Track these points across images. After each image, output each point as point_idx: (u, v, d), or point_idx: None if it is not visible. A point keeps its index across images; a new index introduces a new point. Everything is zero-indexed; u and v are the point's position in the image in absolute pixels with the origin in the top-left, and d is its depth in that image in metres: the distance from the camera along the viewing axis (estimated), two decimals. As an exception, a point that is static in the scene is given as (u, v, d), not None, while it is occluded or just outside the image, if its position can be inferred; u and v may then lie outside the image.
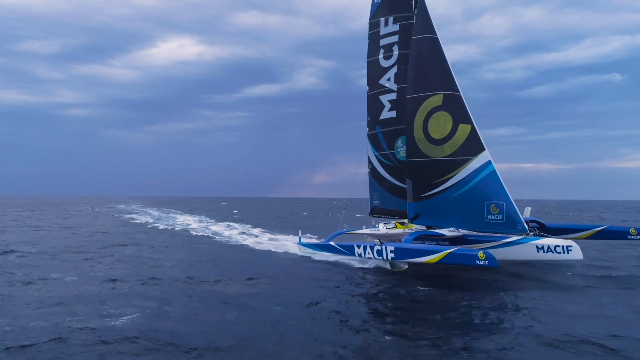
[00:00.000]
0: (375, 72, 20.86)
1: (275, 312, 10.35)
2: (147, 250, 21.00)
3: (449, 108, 17.12)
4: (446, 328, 9.18)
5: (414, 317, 10.00)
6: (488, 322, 9.57)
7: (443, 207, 17.17)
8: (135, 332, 8.56)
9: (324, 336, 8.61)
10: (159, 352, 7.69)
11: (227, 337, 8.42)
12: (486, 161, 16.27)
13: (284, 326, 9.18)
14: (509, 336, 8.59)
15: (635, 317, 9.84)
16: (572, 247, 14.24)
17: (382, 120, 20.63)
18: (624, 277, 14.70)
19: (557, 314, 10.17)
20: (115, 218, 48.03)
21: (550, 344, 8.08)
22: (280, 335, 8.60)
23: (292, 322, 9.44)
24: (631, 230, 16.43)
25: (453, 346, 8.05)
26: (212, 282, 13.67)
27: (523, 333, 8.73)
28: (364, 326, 9.30)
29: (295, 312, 10.30)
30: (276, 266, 17.05)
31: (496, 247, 15.87)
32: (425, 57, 17.92)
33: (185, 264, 17.13)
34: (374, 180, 21.40)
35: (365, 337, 8.63)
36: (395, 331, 9.00)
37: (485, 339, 8.44)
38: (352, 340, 8.33)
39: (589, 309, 10.57)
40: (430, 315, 10.13)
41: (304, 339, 8.42)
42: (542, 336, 8.41)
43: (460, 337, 8.56)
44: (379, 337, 8.66)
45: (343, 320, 9.79)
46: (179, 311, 10.34)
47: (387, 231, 18.74)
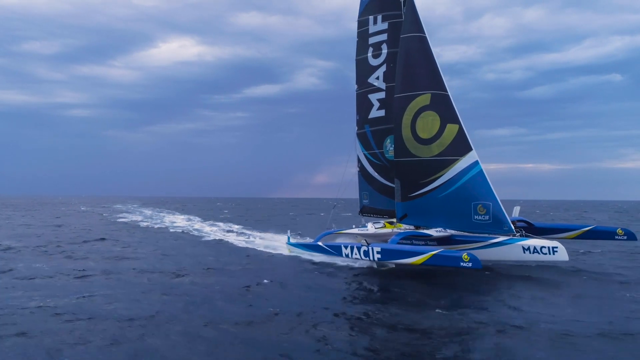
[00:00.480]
0: (364, 70, 20.72)
1: (210, 297, 11.83)
2: (118, 245, 22.84)
3: (436, 108, 17.03)
4: (434, 325, 9.23)
5: (391, 310, 9.98)
6: (475, 318, 9.55)
7: (431, 207, 17.11)
8: (71, 309, 10.29)
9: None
10: (80, 322, 9.40)
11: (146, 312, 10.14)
12: (473, 161, 16.20)
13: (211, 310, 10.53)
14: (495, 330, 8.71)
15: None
16: (558, 248, 14.23)
17: (371, 119, 20.51)
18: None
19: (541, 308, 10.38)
20: (103, 217, 49.01)
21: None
22: (209, 319, 9.67)
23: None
24: (618, 231, 16.42)
25: (444, 344, 8.06)
26: (161, 273, 15.17)
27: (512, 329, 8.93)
28: (342, 326, 9.24)
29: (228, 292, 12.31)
30: (236, 259, 18.57)
31: (483, 248, 15.85)
32: (413, 56, 17.80)
33: (148, 257, 18.92)
34: (363, 180, 21.31)
35: (348, 335, 8.58)
36: (377, 329, 9.05)
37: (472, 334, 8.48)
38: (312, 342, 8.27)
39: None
40: (414, 311, 10.10)
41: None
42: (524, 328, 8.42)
43: (449, 333, 8.59)
44: (363, 336, 8.64)
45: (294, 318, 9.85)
46: (116, 296, 11.78)
47: (375, 231, 18.66)
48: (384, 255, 14.96)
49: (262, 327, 9.14)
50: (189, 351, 7.83)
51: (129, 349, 7.90)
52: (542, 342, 8.15)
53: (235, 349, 7.95)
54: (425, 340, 8.34)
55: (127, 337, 8.52)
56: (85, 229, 32.53)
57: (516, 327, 9.09)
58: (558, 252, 14.23)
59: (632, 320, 9.48)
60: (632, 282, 13.50)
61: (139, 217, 47.37)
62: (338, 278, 14.76)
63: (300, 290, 12.75)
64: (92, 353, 7.71)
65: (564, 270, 15.40)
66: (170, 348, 7.97)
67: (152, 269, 16.02)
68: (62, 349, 7.85)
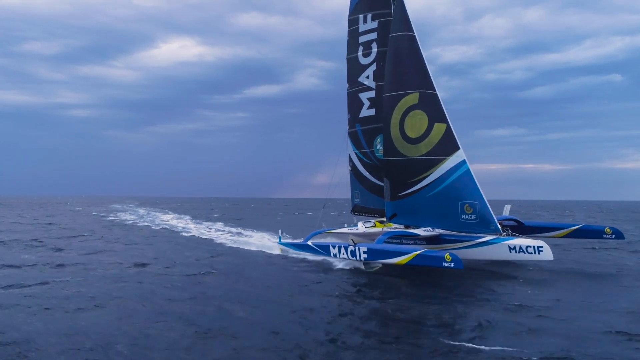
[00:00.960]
0: (354, 69, 20.70)
1: (155, 283, 13.35)
2: (95, 240, 24.74)
3: (424, 107, 17.01)
4: (422, 323, 9.45)
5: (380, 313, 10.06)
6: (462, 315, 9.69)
7: (419, 207, 17.11)
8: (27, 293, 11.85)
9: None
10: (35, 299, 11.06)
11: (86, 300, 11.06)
12: (460, 160, 16.18)
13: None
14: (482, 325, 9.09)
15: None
16: (543, 248, 14.20)
17: (361, 118, 20.50)
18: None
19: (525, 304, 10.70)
20: (93, 216, 50.73)
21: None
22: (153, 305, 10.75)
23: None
24: (606, 230, 16.35)
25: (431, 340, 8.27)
26: (121, 264, 16.54)
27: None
28: (333, 327, 9.29)
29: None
30: (202, 253, 20.09)
31: (470, 247, 15.84)
32: (402, 55, 17.76)
33: (118, 251, 20.46)
34: (354, 179, 21.32)
35: (336, 333, 8.65)
36: (366, 328, 9.22)
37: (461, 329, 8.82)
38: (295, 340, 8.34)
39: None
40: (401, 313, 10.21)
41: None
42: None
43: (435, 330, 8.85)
44: (351, 333, 8.78)
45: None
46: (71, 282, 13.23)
47: (365, 230, 18.67)
48: (370, 255, 14.99)
49: (188, 306, 10.74)
50: (120, 322, 9.40)
51: (65, 318, 9.72)
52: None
53: (156, 318, 9.69)
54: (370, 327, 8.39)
55: (65, 308, 10.40)
56: (67, 227, 33.80)
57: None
58: (543, 252, 14.20)
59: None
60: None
61: (129, 216, 48.76)
62: (299, 272, 15.62)
63: (246, 283, 13.77)
64: (32, 317, 9.68)
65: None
66: (101, 320, 9.53)
67: (115, 260, 17.46)
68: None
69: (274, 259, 18.51)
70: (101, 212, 59.71)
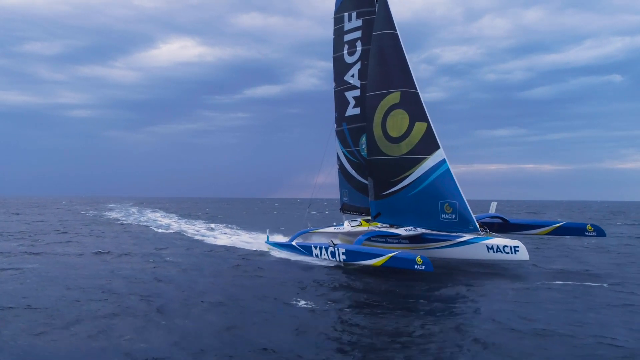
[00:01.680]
0: (340, 68, 20.68)
1: (105, 270, 15.18)
2: (69, 234, 27.40)
3: (406, 106, 16.98)
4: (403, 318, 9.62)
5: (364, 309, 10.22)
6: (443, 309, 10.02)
7: (401, 206, 17.14)
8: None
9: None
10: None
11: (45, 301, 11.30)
12: (440, 159, 16.15)
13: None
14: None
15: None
16: (519, 248, 14.18)
17: (347, 117, 20.51)
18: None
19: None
20: (81, 214, 53.51)
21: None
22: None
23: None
24: (587, 227, 16.24)
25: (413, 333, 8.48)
26: (81, 255, 18.48)
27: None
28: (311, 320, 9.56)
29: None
30: (169, 246, 22.11)
31: (450, 247, 15.86)
32: (384, 53, 17.71)
33: (87, 243, 22.74)
34: (342, 177, 21.37)
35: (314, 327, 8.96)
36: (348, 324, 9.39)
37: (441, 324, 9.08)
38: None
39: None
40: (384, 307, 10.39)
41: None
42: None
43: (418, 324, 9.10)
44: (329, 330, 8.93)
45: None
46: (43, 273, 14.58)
47: (351, 229, 18.77)
48: (348, 256, 15.09)
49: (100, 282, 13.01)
50: (54, 296, 11.27)
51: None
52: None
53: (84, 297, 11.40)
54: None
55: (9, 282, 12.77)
56: (52, 223, 36.96)
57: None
58: (519, 252, 14.18)
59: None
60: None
61: (117, 214, 51.28)
62: (243, 265, 16.68)
63: (189, 272, 15.19)
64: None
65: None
66: (40, 294, 11.58)
67: (79, 252, 19.66)
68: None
69: (228, 253, 20.06)
70: (92, 210, 62.19)
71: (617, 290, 12.05)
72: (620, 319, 9.30)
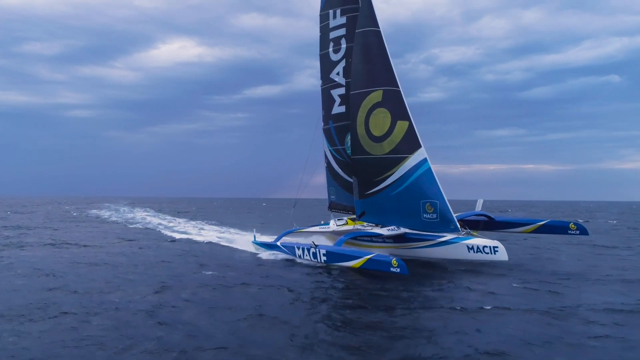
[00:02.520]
0: (326, 65, 20.52)
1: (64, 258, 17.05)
2: (44, 228, 30.39)
3: (388, 104, 16.86)
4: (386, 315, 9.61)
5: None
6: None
7: (385, 205, 17.08)
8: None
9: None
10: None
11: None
12: (422, 159, 16.04)
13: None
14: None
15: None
16: (498, 248, 14.09)
17: (333, 115, 20.39)
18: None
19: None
20: (66, 211, 58.15)
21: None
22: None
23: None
24: (571, 225, 16.10)
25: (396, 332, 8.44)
26: (43, 245, 21.04)
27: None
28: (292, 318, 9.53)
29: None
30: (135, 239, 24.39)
31: (431, 247, 15.80)
32: (367, 51, 17.57)
33: (54, 234, 26.12)
34: (329, 176, 21.28)
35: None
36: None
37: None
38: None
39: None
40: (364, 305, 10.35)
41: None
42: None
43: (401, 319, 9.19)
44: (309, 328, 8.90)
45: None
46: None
47: (337, 228, 18.73)
48: (328, 257, 15.05)
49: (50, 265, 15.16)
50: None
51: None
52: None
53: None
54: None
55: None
56: (35, 220, 40.27)
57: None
58: (498, 252, 14.10)
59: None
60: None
61: (105, 212, 54.34)
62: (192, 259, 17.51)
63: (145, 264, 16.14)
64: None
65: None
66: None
67: (44, 242, 22.21)
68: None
69: (189, 246, 21.90)
70: (80, 209, 65.31)
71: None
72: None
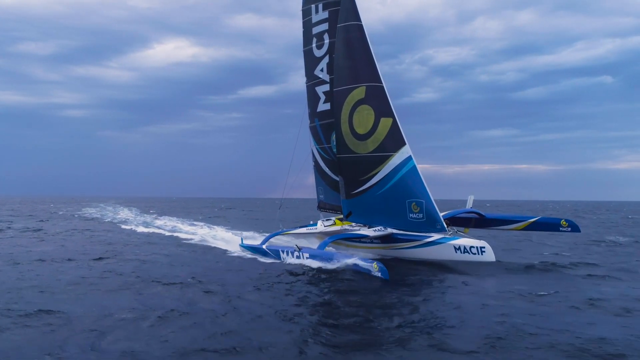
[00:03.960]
0: (310, 62, 19.96)
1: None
2: (32, 224, 32.84)
3: (371, 101, 16.32)
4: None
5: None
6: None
7: (371, 205, 16.58)
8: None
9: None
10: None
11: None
12: (407, 157, 15.52)
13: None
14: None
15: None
16: (485, 249, 13.61)
17: (319, 113, 19.85)
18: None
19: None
20: (51, 209, 61.40)
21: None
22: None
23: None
24: (562, 222, 15.58)
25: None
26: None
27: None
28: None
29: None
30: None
31: (418, 247, 15.31)
32: (349, 46, 17.02)
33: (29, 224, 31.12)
34: (317, 175, 20.79)
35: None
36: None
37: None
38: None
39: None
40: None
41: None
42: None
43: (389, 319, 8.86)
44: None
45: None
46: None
47: (324, 229, 18.25)
48: (312, 260, 14.61)
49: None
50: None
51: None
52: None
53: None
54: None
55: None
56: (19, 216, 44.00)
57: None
58: (485, 253, 13.61)
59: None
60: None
61: (90, 210, 57.60)
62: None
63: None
64: None
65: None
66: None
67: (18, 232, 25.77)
68: None
69: (147, 238, 24.26)
70: (67, 208, 67.58)
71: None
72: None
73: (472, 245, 13.90)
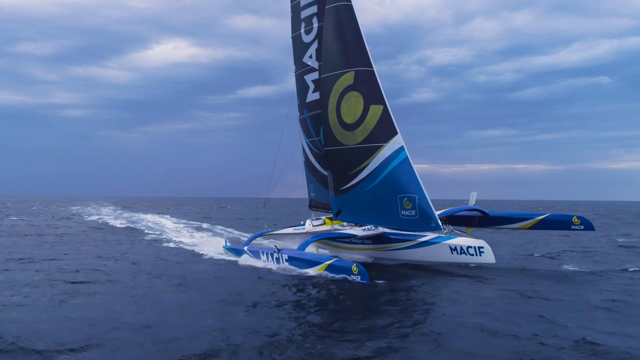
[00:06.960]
0: (299, 49, 18.50)
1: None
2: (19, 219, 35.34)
3: (360, 87, 14.80)
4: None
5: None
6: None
7: (360, 202, 15.04)
8: None
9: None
10: None
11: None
12: (398, 147, 13.96)
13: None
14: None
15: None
16: (484, 249, 12.00)
17: (308, 104, 18.35)
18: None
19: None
20: (35, 206, 63.35)
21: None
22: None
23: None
24: (574, 219, 13.87)
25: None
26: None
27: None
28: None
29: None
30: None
31: (411, 248, 13.70)
32: (338, 28, 15.54)
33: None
34: (308, 171, 19.26)
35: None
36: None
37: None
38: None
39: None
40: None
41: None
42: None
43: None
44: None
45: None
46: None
47: (312, 229, 16.73)
48: (291, 262, 13.12)
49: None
50: None
51: None
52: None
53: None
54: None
55: None
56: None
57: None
58: (484, 253, 11.98)
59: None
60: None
61: (77, 208, 59.78)
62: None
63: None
64: None
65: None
66: None
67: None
68: None
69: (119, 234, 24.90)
70: (62, 207, 66.43)
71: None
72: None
73: (469, 246, 12.28)
